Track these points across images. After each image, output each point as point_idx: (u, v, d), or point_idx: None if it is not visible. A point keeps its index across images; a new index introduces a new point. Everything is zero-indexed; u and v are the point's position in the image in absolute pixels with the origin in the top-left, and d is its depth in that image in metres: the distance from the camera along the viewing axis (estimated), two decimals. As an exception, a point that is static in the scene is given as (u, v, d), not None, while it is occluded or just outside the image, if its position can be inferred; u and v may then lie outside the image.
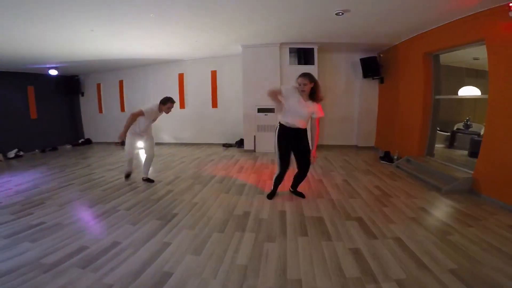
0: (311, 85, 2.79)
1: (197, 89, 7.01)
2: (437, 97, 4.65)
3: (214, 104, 7.03)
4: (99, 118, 8.13)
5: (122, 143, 3.97)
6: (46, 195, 3.49)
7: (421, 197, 3.26)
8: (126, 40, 4.87)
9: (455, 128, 5.68)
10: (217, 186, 3.78)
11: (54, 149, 7.28)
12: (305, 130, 3.00)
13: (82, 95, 8.15)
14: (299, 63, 5.85)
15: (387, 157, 5.06)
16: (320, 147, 6.23)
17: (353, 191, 3.51)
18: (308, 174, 3.33)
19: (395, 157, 4.97)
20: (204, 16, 3.86)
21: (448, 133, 5.64)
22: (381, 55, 5.98)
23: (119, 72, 7.60)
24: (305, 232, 2.41)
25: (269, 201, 3.17)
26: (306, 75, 2.77)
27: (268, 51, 5.75)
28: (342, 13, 3.74)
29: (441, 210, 2.93)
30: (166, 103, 3.73)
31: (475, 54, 4.58)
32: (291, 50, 5.83)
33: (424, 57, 4.60)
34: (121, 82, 7.68)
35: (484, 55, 4.38)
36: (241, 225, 2.56)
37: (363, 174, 4.32)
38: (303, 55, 5.83)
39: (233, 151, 6.39)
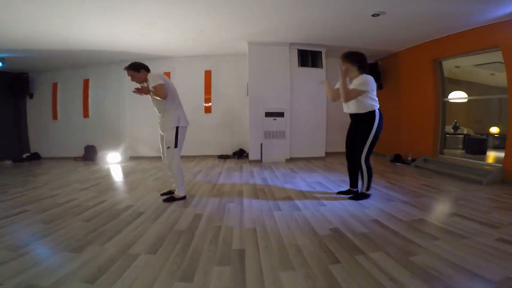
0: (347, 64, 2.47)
1: (187, 91, 5.69)
2: (444, 99, 4.73)
3: (208, 109, 5.88)
4: (52, 127, 6.10)
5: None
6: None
7: (472, 189, 3.10)
8: (118, 20, 3.57)
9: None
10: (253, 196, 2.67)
11: (-14, 166, 5.12)
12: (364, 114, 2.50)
13: (31, 97, 6.07)
14: (307, 65, 5.25)
15: (399, 159, 4.95)
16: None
17: (413, 191, 3.00)
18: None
19: (409, 159, 4.84)
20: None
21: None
22: (379, 62, 5.86)
23: (85, 69, 5.85)
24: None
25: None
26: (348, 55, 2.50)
27: (277, 51, 5.00)
28: (378, 14, 3.55)
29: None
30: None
31: (457, 63, 4.74)
32: (299, 52, 5.21)
33: (432, 63, 4.66)
34: (86, 82, 5.94)
35: (464, 64, 4.55)
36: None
37: (396, 175, 3.91)
38: (311, 58, 5.27)
39: (235, 162, 5.27)
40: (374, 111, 2.48)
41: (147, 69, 2.66)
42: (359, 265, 1.48)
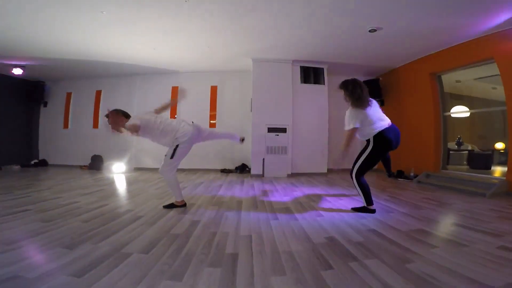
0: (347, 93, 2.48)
1: (193, 106, 5.92)
2: (445, 114, 4.72)
3: (212, 123, 6.00)
4: (62, 135, 6.31)
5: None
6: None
7: (475, 201, 3.06)
8: (133, 32, 3.82)
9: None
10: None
11: (-4, 168, 5.27)
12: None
13: (45, 105, 6.35)
14: (309, 82, 5.39)
15: (402, 175, 4.88)
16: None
17: (413, 204, 2.95)
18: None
19: (412, 175, 4.77)
20: (228, 17, 3.36)
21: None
22: (380, 78, 5.95)
23: (98, 80, 6.15)
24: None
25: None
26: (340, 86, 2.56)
27: (280, 67, 5.18)
28: (375, 30, 3.71)
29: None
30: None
31: (457, 77, 4.75)
32: (302, 69, 5.37)
33: (431, 77, 4.73)
34: (98, 93, 6.21)
35: (464, 77, 4.56)
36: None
37: (398, 189, 3.82)
38: (313, 74, 5.42)
39: (237, 176, 5.27)
40: (371, 137, 2.49)
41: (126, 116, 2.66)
42: (353, 271, 1.43)
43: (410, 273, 1.38)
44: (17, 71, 5.24)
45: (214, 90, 5.97)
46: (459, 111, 4.96)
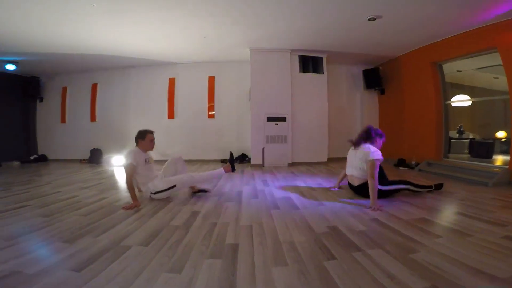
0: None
1: (191, 97, 5.84)
2: (447, 102, 4.63)
3: (211, 114, 5.91)
4: (60, 130, 6.23)
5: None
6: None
7: (477, 190, 3.00)
8: (126, 24, 3.68)
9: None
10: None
11: (-4, 165, 5.21)
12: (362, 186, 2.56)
13: (41, 100, 6.24)
14: (308, 71, 5.26)
15: (403, 164, 4.84)
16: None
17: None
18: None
19: (413, 163, 4.72)
20: (223, 5, 3.21)
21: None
22: (380, 68, 5.83)
23: (94, 74, 6.01)
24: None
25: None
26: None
27: (278, 57, 5.05)
28: (375, 19, 3.57)
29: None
30: (145, 136, 2.76)
31: (458, 66, 4.63)
32: (301, 58, 5.24)
33: (432, 66, 4.61)
34: (94, 86, 6.08)
35: (466, 67, 4.45)
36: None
37: (399, 178, 3.73)
38: (312, 63, 5.29)
39: (237, 166, 5.20)
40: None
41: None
42: (356, 261, 1.39)
43: (414, 263, 1.35)
44: (10, 67, 5.12)
45: (212, 80, 5.85)
46: (461, 100, 4.87)
